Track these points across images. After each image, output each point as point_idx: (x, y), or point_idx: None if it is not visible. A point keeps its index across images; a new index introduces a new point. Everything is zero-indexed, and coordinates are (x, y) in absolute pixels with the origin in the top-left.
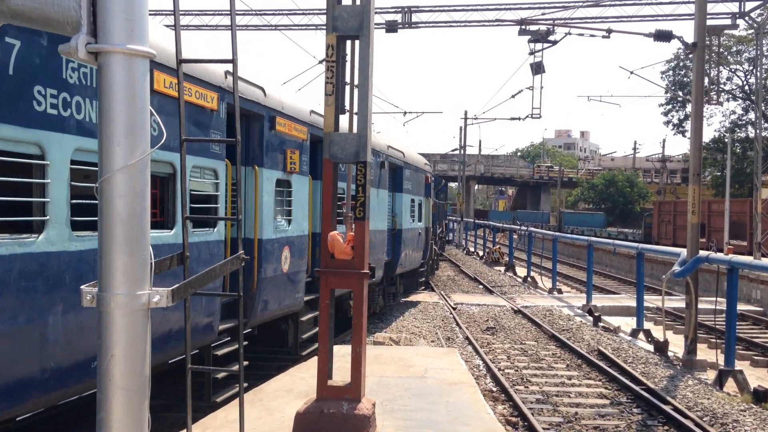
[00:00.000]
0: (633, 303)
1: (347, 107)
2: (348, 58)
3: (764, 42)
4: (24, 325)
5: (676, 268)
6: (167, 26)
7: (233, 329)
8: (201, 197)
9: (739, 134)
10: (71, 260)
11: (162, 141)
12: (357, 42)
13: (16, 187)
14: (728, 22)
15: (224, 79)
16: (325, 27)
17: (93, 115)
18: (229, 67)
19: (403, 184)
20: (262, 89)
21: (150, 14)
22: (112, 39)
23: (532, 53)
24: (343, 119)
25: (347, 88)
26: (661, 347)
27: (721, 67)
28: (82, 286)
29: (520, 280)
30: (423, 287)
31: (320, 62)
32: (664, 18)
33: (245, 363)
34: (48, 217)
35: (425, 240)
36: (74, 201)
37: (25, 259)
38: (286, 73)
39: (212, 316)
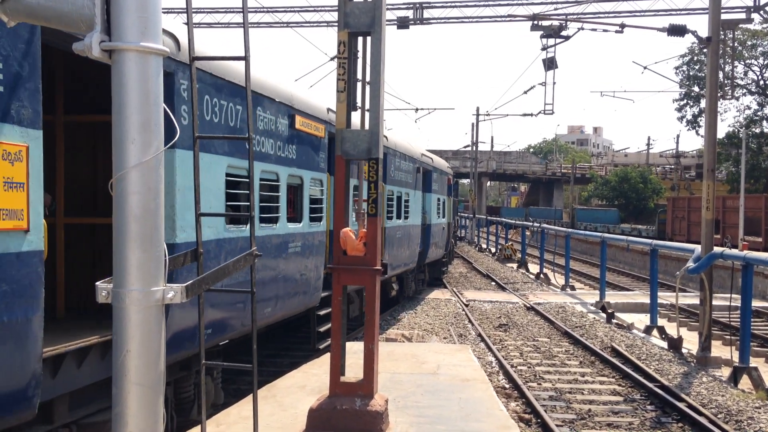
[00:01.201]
0: (647, 300)
1: (359, 104)
2: (360, 54)
3: None
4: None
5: (691, 264)
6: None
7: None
8: (315, 200)
9: (754, 129)
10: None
11: (176, 138)
12: (369, 38)
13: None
14: (743, 16)
15: (327, 114)
16: (336, 24)
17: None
18: (331, 104)
19: (432, 185)
20: None
21: (162, 12)
22: (126, 37)
23: (544, 49)
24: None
25: (359, 85)
26: (675, 344)
27: (735, 62)
28: (97, 283)
29: (532, 276)
30: (444, 275)
31: (332, 59)
32: (678, 12)
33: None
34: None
35: (447, 233)
36: (262, 204)
37: (244, 239)
38: (298, 71)
39: (318, 287)
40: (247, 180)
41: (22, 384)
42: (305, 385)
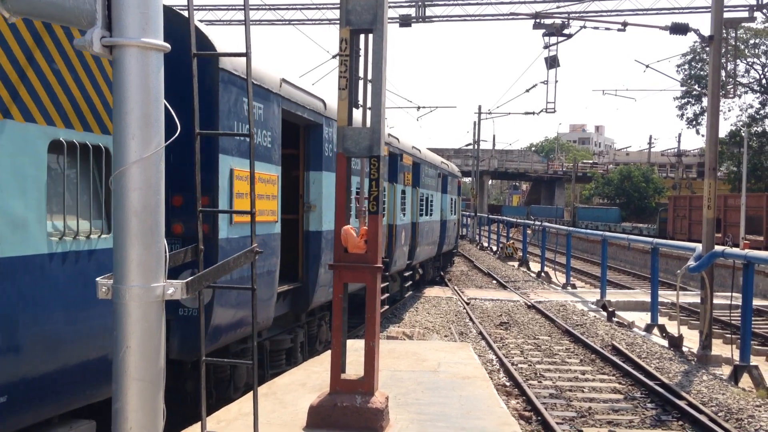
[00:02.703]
0: (647, 298)
1: (361, 102)
2: (361, 52)
3: None
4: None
5: (692, 263)
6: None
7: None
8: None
9: (756, 128)
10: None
11: (176, 134)
12: (370, 36)
13: None
14: (745, 14)
15: (388, 138)
16: (338, 21)
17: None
18: (392, 131)
19: (447, 187)
20: (397, 138)
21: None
22: (127, 33)
23: (546, 47)
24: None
25: (361, 83)
26: (675, 342)
27: (738, 60)
28: (97, 279)
29: (533, 275)
30: (453, 265)
31: (333, 57)
32: (681, 11)
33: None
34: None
35: (457, 228)
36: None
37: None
38: (300, 68)
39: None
40: (357, 189)
41: (271, 305)
42: (306, 382)
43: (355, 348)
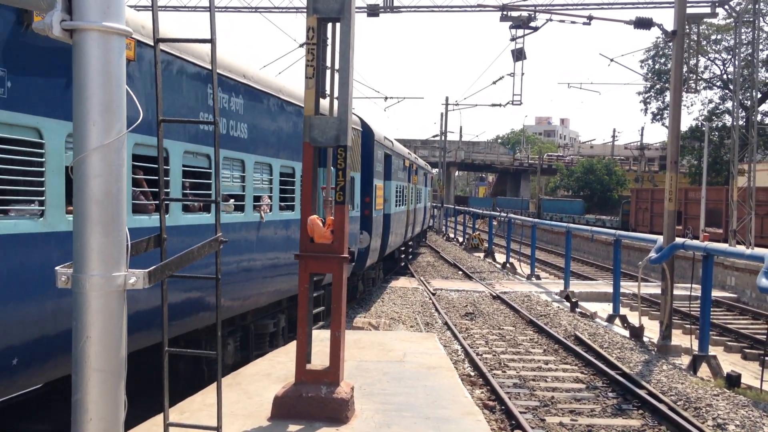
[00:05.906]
0: (610, 289)
1: (328, 91)
2: (329, 41)
3: (743, 31)
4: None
5: (653, 254)
6: (144, 7)
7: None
8: (406, 195)
9: (716, 123)
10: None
11: (138, 121)
12: (338, 25)
13: None
14: (708, 10)
15: (408, 155)
16: (305, 9)
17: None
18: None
19: (426, 182)
20: (410, 153)
21: None
22: (88, 16)
23: (513, 39)
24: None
25: (328, 72)
26: (636, 333)
27: (699, 56)
28: (56, 267)
29: (499, 266)
30: (426, 239)
31: (301, 45)
32: (645, 5)
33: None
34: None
35: (430, 212)
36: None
37: (402, 212)
38: (267, 57)
39: (402, 237)
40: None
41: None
42: (271, 372)
43: (321, 338)
